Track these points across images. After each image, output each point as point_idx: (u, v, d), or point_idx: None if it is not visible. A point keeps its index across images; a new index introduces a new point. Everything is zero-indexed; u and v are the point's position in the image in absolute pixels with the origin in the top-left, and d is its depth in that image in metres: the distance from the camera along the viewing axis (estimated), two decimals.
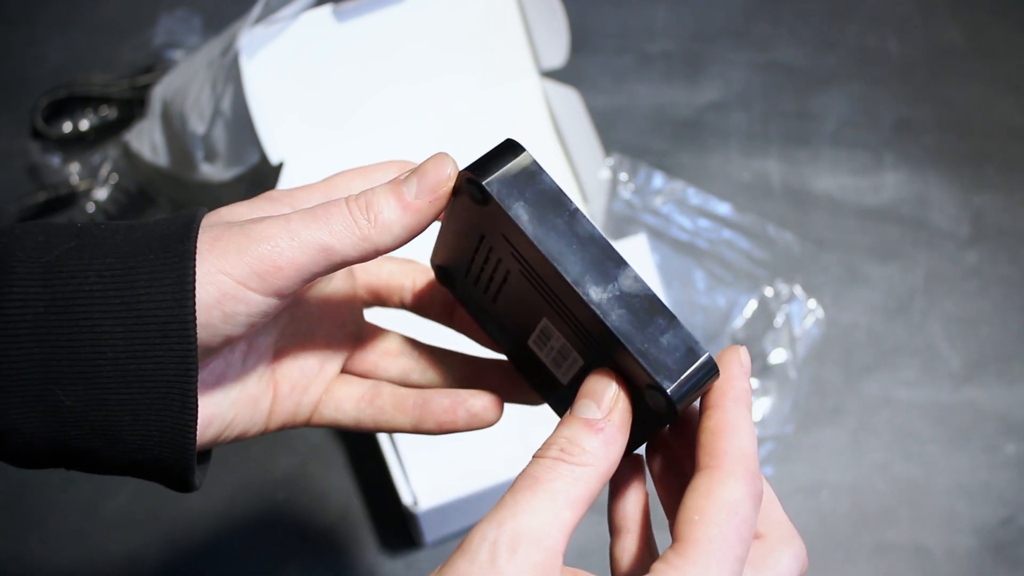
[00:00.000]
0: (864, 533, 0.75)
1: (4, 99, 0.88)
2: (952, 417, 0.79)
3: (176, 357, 0.34)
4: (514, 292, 0.39)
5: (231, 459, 0.74)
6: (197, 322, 0.34)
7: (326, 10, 0.74)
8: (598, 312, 0.34)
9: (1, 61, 0.90)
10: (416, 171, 0.36)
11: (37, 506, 0.73)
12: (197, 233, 0.34)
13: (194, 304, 0.33)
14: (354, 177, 0.40)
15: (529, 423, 0.67)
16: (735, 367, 0.36)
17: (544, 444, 0.36)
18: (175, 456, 0.35)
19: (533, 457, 0.35)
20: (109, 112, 0.87)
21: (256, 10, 0.69)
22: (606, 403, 0.36)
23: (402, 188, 0.36)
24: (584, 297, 0.34)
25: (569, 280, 0.34)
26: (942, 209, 0.86)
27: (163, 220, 0.36)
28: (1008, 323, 0.82)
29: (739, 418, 0.35)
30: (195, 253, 0.34)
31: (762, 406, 0.78)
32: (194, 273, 0.33)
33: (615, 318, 0.34)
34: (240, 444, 0.77)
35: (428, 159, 0.37)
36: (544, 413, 0.46)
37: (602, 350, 0.36)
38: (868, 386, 0.80)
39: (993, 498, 0.77)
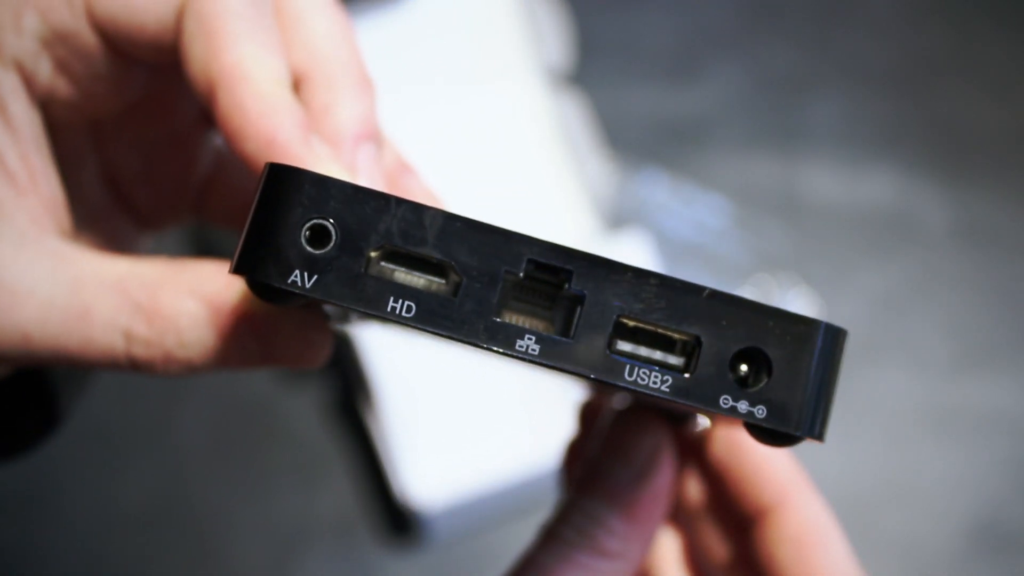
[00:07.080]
0: (853, 529, 0.76)
1: None
2: (942, 414, 0.80)
3: None
4: None
5: (231, 458, 0.74)
6: None
7: None
8: (583, 374, 0.20)
9: None
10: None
11: (48, 504, 0.73)
12: None
13: None
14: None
15: (538, 420, 0.67)
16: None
17: (557, 512, 0.25)
18: None
19: (543, 530, 0.25)
20: None
21: None
22: (641, 461, 0.24)
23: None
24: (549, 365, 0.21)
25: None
26: (931, 210, 0.87)
27: None
28: (997, 321, 0.84)
29: (826, 518, 0.25)
30: None
31: None
32: None
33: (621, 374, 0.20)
34: (240, 443, 0.77)
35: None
36: (554, 408, 0.44)
37: None
38: (858, 383, 0.81)
39: (982, 494, 0.78)
